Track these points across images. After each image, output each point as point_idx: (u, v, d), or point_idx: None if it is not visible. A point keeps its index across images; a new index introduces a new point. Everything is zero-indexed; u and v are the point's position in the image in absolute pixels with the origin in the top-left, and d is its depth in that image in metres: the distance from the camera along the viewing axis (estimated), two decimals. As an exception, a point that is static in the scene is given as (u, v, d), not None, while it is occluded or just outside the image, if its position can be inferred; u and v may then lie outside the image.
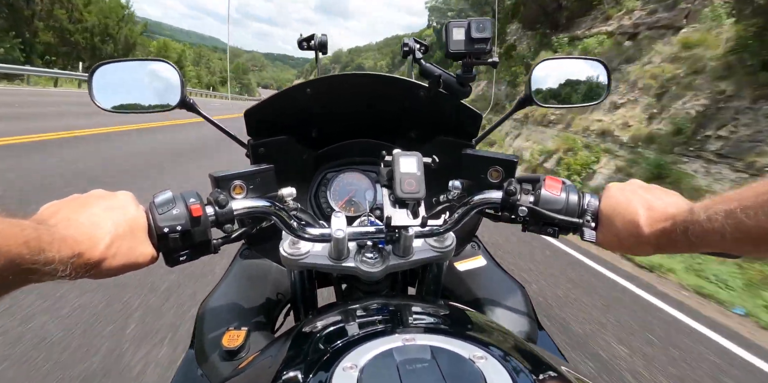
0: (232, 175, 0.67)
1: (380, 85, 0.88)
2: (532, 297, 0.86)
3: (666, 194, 0.56)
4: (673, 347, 2.61)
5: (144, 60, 0.89)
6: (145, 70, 0.90)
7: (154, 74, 0.88)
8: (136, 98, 0.88)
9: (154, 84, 0.88)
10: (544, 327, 0.80)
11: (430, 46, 0.94)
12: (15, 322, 2.01)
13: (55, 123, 7.58)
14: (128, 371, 1.78)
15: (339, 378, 0.37)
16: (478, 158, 0.77)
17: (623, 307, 3.15)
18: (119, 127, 8.25)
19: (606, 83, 0.90)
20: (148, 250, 0.52)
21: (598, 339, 2.55)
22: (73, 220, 0.46)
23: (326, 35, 0.99)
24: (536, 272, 3.63)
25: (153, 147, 7.19)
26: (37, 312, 2.11)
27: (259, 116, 0.83)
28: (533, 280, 3.41)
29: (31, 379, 1.67)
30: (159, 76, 0.88)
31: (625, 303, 3.25)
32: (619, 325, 2.79)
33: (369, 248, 0.66)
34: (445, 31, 0.75)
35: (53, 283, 0.43)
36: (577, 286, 3.43)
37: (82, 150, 5.95)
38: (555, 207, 0.61)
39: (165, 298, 2.40)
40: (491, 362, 0.39)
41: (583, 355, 2.36)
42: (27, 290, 0.54)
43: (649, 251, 0.55)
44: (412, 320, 0.53)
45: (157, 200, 0.54)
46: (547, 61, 0.92)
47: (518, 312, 0.80)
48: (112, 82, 0.86)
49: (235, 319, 0.76)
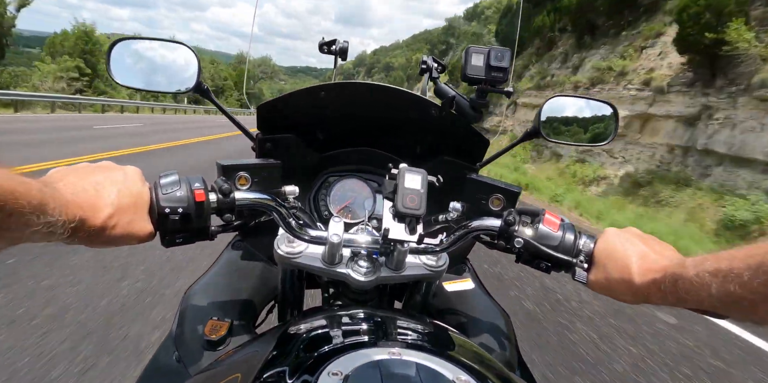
0: (239, 165, 0.67)
1: (393, 98, 0.89)
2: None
3: (661, 246, 0.57)
4: None
5: (164, 40, 0.89)
6: (164, 51, 0.90)
7: (173, 56, 0.88)
8: (151, 77, 0.88)
9: (171, 66, 0.88)
10: (524, 360, 0.80)
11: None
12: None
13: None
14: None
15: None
16: (482, 184, 0.78)
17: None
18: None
19: (613, 126, 0.93)
20: (146, 227, 0.53)
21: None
22: (79, 186, 0.46)
23: (347, 42, 1.01)
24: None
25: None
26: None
27: (271, 111, 0.84)
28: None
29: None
30: (177, 59, 0.87)
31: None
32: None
33: (363, 256, 0.66)
34: (465, 55, 0.77)
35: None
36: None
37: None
38: (551, 243, 0.62)
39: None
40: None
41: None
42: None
43: (638, 300, 0.56)
44: (400, 334, 0.53)
45: (163, 181, 0.55)
46: (558, 97, 0.94)
47: (501, 340, 0.80)
48: (130, 58, 0.86)
49: (219, 310, 0.75)
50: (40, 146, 7.43)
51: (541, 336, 2.78)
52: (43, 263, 2.79)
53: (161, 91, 0.87)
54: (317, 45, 1.06)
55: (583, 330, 2.98)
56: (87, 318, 2.23)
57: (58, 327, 2.11)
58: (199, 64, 0.85)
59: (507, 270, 3.96)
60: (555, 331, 2.89)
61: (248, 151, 0.92)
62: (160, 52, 0.89)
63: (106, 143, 8.76)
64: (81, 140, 8.88)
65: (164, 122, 18.10)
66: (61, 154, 6.59)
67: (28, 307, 2.27)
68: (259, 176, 0.70)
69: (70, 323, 2.16)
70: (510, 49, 0.77)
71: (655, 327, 3.21)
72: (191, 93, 0.85)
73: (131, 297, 2.52)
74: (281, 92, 5.99)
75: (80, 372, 1.82)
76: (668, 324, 3.29)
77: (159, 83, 0.88)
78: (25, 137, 8.42)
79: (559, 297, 3.58)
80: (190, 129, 15.77)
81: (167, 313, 2.33)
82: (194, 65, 0.84)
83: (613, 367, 2.50)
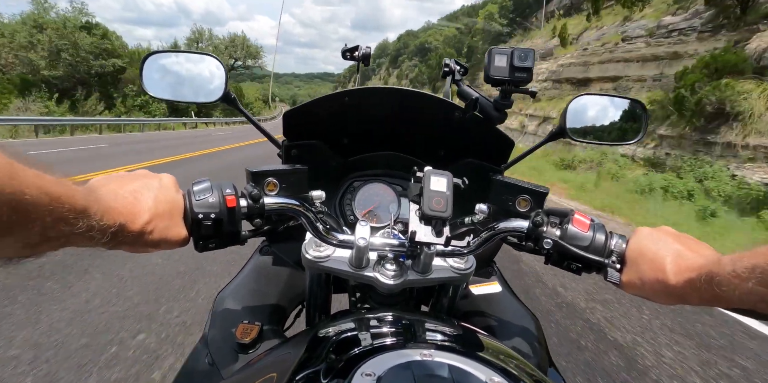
0: (268, 171, 0.69)
1: (416, 102, 0.89)
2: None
3: (697, 245, 0.56)
4: None
5: (193, 52, 0.92)
6: (192, 63, 0.93)
7: (201, 67, 0.91)
8: (182, 87, 0.91)
9: (199, 77, 0.91)
10: (555, 363, 0.79)
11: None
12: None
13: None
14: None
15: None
16: (508, 186, 0.77)
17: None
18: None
19: (642, 124, 0.91)
20: (181, 232, 0.54)
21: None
22: (119, 194, 0.49)
23: (370, 48, 1.02)
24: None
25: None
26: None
27: (297, 118, 0.85)
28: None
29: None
30: (205, 70, 0.91)
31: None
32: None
33: (389, 260, 0.66)
34: (488, 56, 0.76)
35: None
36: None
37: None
38: (581, 244, 0.61)
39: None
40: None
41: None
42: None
43: (673, 300, 0.54)
44: (430, 336, 0.53)
45: (196, 188, 0.57)
46: (584, 95, 0.93)
47: (531, 342, 0.79)
48: (162, 70, 0.90)
49: (249, 314, 0.77)
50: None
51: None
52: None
53: (190, 101, 0.91)
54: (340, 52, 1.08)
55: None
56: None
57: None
58: (227, 75, 0.88)
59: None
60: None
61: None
62: (188, 65, 0.92)
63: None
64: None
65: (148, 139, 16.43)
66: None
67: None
68: (287, 181, 0.71)
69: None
70: (533, 49, 0.76)
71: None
72: (219, 102, 0.88)
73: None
74: (294, 97, 6.04)
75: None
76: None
77: (188, 94, 0.92)
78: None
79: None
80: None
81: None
82: (221, 76, 0.87)
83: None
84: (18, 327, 2.21)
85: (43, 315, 2.33)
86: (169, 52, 0.92)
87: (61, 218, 0.37)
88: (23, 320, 2.28)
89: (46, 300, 2.52)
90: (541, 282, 3.53)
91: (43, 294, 2.60)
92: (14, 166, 0.32)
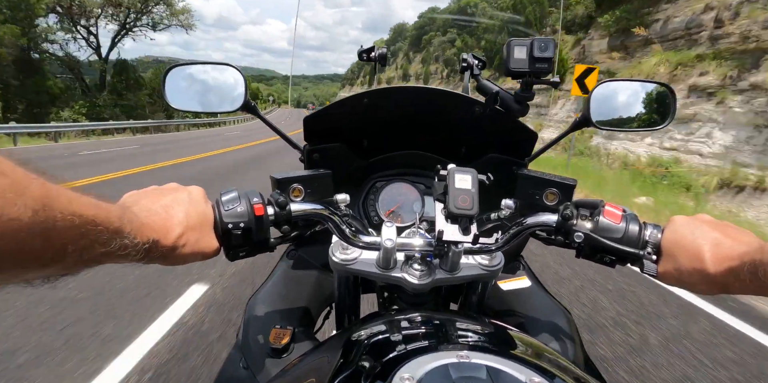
0: (293, 178, 0.70)
1: (436, 99, 0.88)
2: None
3: (737, 232, 0.54)
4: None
5: (212, 63, 0.94)
6: (212, 74, 0.94)
7: (220, 77, 0.93)
8: (203, 98, 0.93)
9: (220, 87, 0.92)
10: (589, 357, 0.77)
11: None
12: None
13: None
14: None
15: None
16: (534, 179, 0.76)
17: None
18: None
19: (670, 108, 0.88)
20: (212, 243, 0.55)
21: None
22: (151, 209, 0.50)
23: (386, 48, 1.01)
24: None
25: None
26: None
27: (317, 123, 0.86)
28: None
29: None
30: (224, 80, 0.92)
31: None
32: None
33: (417, 260, 0.66)
34: (507, 48, 0.75)
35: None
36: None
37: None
38: (614, 236, 0.60)
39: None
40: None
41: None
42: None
43: (714, 290, 0.52)
44: (464, 336, 0.53)
45: (224, 198, 0.58)
46: (608, 82, 0.90)
47: (564, 338, 0.77)
48: (183, 82, 0.91)
49: (281, 318, 0.78)
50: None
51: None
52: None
53: (212, 111, 0.92)
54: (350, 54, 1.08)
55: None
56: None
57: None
58: (246, 83, 0.89)
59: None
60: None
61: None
62: (209, 75, 0.94)
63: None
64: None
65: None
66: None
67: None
68: (312, 186, 0.72)
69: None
70: (553, 39, 0.75)
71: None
72: (240, 111, 0.89)
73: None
74: (299, 98, 6.28)
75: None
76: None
77: (210, 104, 0.93)
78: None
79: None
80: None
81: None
82: (241, 84, 0.89)
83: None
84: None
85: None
86: (189, 64, 0.94)
87: (95, 241, 0.38)
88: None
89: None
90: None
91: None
92: (49, 195, 0.33)
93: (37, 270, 0.35)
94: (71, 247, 0.36)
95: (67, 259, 0.36)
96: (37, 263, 0.34)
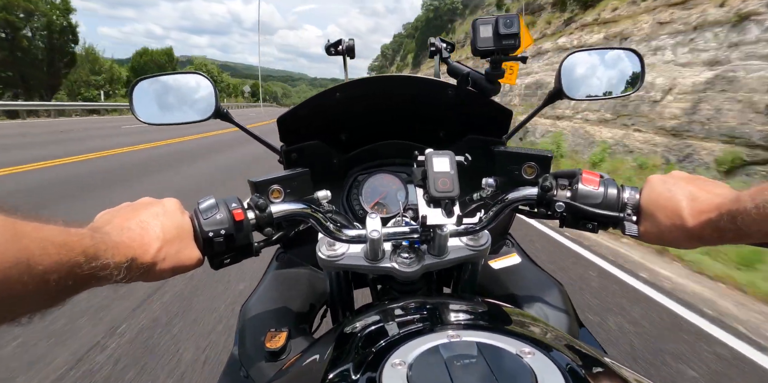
0: (270, 180, 0.69)
1: (408, 87, 0.88)
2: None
3: (711, 185, 0.54)
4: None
5: (179, 73, 0.92)
6: (181, 83, 0.92)
7: (190, 87, 0.91)
8: (173, 110, 0.91)
9: (189, 96, 0.90)
10: (584, 324, 0.78)
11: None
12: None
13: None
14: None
15: (388, 374, 0.37)
16: (511, 155, 0.76)
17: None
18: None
19: (639, 73, 0.88)
20: (194, 254, 0.55)
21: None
22: (125, 227, 0.49)
23: (353, 40, 1.00)
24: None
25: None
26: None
27: (291, 122, 0.85)
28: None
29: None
30: (194, 89, 0.90)
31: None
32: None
33: (404, 248, 0.66)
34: (473, 29, 0.75)
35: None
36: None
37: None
38: (593, 202, 0.60)
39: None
40: (539, 357, 0.39)
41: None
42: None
43: (695, 243, 0.53)
44: (455, 317, 0.53)
45: (202, 207, 0.57)
46: (576, 53, 0.90)
47: (557, 308, 0.78)
48: (151, 96, 0.89)
49: (276, 321, 0.77)
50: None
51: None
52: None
53: (183, 122, 0.89)
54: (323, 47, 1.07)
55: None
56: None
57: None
58: (216, 91, 0.87)
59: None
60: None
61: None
62: (176, 85, 0.92)
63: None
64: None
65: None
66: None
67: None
68: (291, 186, 0.72)
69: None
70: (517, 15, 0.74)
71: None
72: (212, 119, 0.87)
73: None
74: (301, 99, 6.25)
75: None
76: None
77: (180, 116, 0.90)
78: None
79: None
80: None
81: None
82: (211, 92, 0.86)
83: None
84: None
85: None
86: (156, 76, 0.92)
87: (73, 265, 0.37)
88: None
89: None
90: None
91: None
92: (16, 226, 0.32)
93: (23, 304, 0.35)
94: (52, 275, 0.35)
95: (50, 287, 0.36)
96: (21, 296, 0.34)
